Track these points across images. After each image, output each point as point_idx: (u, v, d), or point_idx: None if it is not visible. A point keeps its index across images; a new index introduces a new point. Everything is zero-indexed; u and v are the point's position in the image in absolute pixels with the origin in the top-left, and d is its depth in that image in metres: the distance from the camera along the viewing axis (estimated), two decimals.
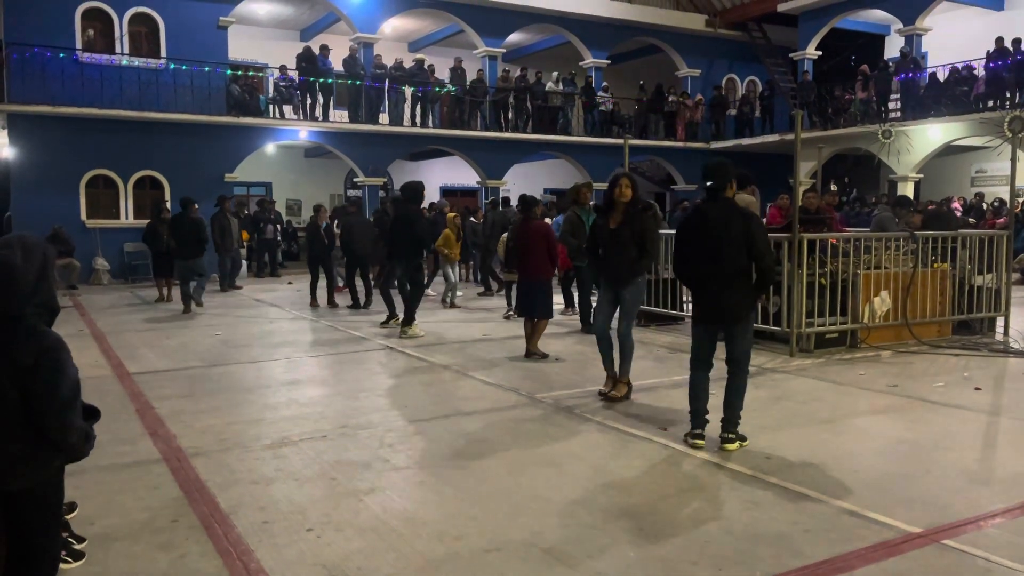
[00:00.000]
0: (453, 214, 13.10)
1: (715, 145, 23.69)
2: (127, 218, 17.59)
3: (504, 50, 22.58)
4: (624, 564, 3.35)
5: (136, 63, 17.53)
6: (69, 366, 2.54)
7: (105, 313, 12.04)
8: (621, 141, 11.68)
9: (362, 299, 12.36)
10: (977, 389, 6.62)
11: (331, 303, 12.56)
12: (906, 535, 3.62)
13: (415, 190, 9.57)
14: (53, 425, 2.50)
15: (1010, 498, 4.09)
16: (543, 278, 8.03)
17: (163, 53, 17.88)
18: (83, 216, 17.21)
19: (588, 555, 3.43)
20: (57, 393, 2.49)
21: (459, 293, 12.95)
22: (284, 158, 23.41)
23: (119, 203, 17.65)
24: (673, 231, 6.27)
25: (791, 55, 23.48)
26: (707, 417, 5.10)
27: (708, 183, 4.98)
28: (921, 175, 19.87)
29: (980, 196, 19.72)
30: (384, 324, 10.25)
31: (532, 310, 8.02)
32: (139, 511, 3.97)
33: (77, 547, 3.43)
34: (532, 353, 8.02)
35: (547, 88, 21.95)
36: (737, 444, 4.95)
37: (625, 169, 7.96)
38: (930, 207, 11.92)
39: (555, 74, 22.37)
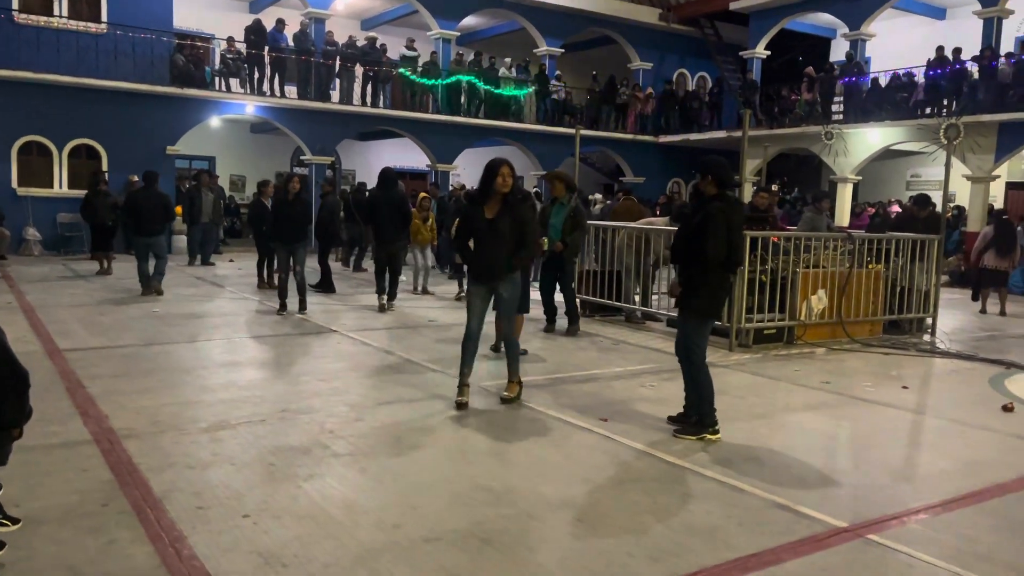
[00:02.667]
0: (424, 195, 12.85)
1: (663, 139, 23.98)
2: (61, 187, 16.96)
3: (458, 33, 22.39)
4: (562, 554, 3.39)
5: (75, 27, 16.87)
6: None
7: (36, 286, 11.61)
8: (572, 131, 11.70)
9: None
10: (904, 388, 6.87)
11: (272, 284, 12.10)
12: (833, 529, 3.74)
13: (393, 176, 10.60)
14: (13, 411, 2.47)
15: (932, 495, 4.26)
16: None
17: (104, 18, 17.22)
18: (14, 184, 16.53)
19: (527, 545, 3.46)
20: (12, 382, 2.44)
21: (403, 279, 12.87)
22: (229, 132, 22.86)
23: (53, 171, 17.00)
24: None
25: (741, 53, 23.84)
26: None
27: (733, 178, 5.20)
28: (860, 177, 20.45)
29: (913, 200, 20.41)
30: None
31: None
32: (67, 494, 3.85)
33: (6, 529, 3.31)
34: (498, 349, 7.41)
35: (500, 74, 21.87)
36: None
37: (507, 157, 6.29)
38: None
39: (508, 60, 22.28)
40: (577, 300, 9.26)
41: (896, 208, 19.09)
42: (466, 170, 22.06)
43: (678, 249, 5.26)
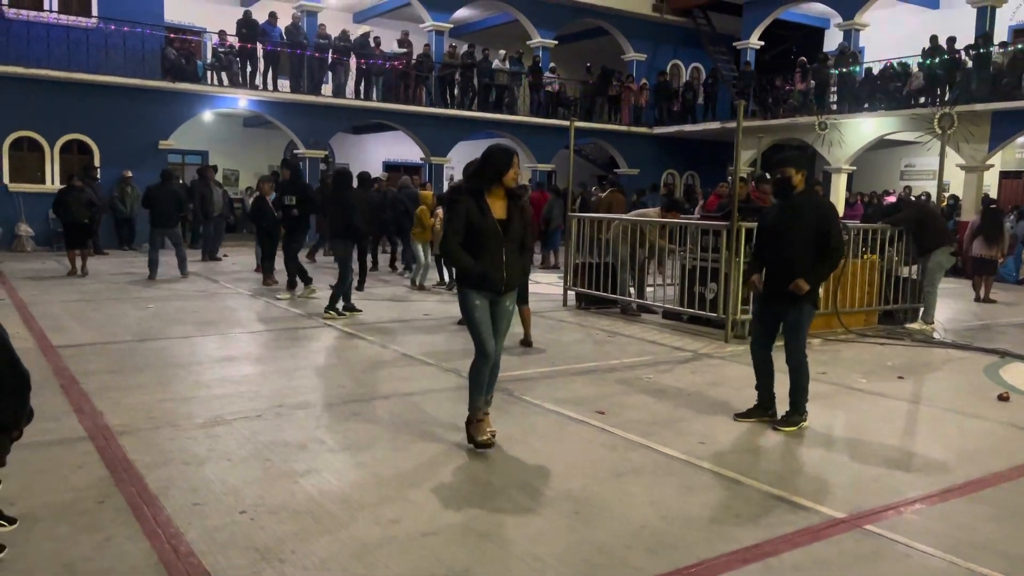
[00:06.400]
0: (428, 192, 12.50)
1: (658, 130, 23.94)
2: (53, 183, 16.82)
3: (451, 25, 22.30)
4: (560, 548, 3.39)
5: (65, 21, 16.75)
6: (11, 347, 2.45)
7: (28, 282, 11.56)
8: (567, 123, 11.68)
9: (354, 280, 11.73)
10: (900, 378, 6.88)
11: (269, 281, 11.69)
12: (830, 520, 3.74)
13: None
14: (12, 412, 2.42)
15: (928, 485, 4.27)
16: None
17: (94, 12, 17.13)
18: (5, 179, 16.44)
19: (525, 539, 3.46)
20: (13, 383, 2.40)
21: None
22: (222, 126, 22.73)
23: (44, 167, 16.91)
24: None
25: (735, 44, 23.80)
26: None
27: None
28: (854, 167, 20.46)
29: (908, 190, 20.43)
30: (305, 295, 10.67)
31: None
32: (63, 491, 3.83)
33: (3, 530, 3.30)
34: (531, 343, 7.66)
35: (494, 66, 21.80)
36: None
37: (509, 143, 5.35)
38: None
39: (502, 52, 22.23)
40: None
41: (891, 199, 19.10)
42: (460, 163, 21.99)
43: (771, 246, 5.27)
